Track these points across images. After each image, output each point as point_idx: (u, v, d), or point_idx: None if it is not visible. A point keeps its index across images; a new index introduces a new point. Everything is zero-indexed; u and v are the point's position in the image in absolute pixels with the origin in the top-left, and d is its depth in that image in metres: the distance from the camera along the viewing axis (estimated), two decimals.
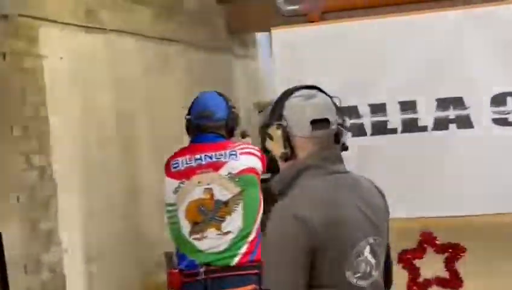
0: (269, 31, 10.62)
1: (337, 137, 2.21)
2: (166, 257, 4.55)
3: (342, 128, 2.23)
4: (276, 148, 2.19)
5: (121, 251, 5.64)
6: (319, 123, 2.14)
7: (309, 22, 8.23)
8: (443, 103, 4.10)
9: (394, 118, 4.16)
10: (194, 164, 3.64)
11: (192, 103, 3.83)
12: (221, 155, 3.64)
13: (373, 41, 4.25)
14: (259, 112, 8.72)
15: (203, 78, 7.66)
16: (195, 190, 3.67)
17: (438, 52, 4.16)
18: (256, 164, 3.68)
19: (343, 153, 2.22)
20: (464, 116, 4.04)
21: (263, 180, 3.68)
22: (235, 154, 3.63)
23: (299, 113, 2.15)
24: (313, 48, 4.31)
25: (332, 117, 2.18)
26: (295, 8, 8.28)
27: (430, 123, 4.14)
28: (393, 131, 4.18)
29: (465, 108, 4.04)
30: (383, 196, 2.32)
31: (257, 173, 3.71)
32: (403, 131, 4.18)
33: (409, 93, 4.15)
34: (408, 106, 4.14)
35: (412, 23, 4.31)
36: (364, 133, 4.22)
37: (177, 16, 7.02)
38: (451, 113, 4.10)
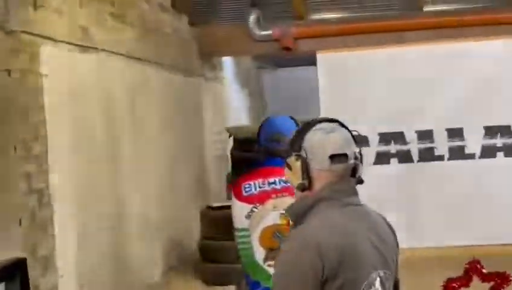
0: (239, 55, 10.74)
1: (354, 171, 2.23)
2: (236, 285, 4.38)
3: (358, 162, 2.23)
4: (295, 178, 2.21)
5: (112, 275, 5.50)
6: (337, 157, 2.15)
7: (282, 48, 8.37)
8: (490, 131, 4.15)
9: (441, 145, 4.19)
10: (268, 188, 3.52)
11: (262, 125, 3.73)
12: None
13: (421, 68, 4.28)
14: (230, 136, 8.72)
15: (179, 100, 7.62)
16: (270, 215, 3.56)
17: (485, 80, 4.23)
18: None
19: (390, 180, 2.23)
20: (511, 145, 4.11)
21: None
22: None
23: (319, 147, 2.16)
24: (359, 72, 4.31)
25: (351, 151, 2.20)
26: (267, 33, 8.39)
27: (477, 151, 4.19)
28: (441, 158, 4.21)
29: None
30: (393, 231, 2.31)
31: None
32: (450, 158, 4.22)
33: (456, 121, 4.20)
34: (455, 133, 4.18)
35: (460, 51, 4.36)
36: (411, 160, 4.23)
37: (156, 38, 6.96)
38: (499, 141, 4.16)
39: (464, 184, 4.23)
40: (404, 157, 4.25)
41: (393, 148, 4.21)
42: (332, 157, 2.14)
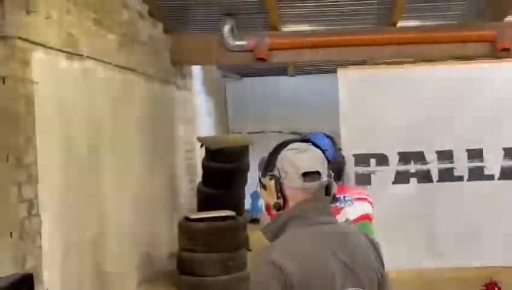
0: (213, 64, 10.68)
1: (328, 189, 2.28)
2: None
3: (332, 181, 2.27)
4: (269, 197, 2.24)
5: (92, 287, 5.39)
6: (310, 175, 2.19)
7: (257, 58, 8.36)
8: (510, 152, 4.20)
9: (461, 165, 4.22)
10: None
11: None
12: (337, 200, 3.47)
13: (441, 88, 4.30)
14: (201, 146, 8.68)
15: (155, 108, 7.53)
16: None
17: (505, 101, 4.27)
18: (370, 209, 3.57)
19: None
20: None
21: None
22: (350, 200, 3.49)
23: (291, 166, 2.20)
24: (379, 91, 4.30)
25: (323, 170, 2.24)
26: (242, 43, 8.37)
27: (496, 172, 4.23)
28: (460, 178, 4.24)
29: None
30: (376, 250, 2.30)
31: (370, 219, 3.60)
32: (469, 179, 4.25)
33: (476, 142, 4.23)
34: (475, 154, 4.21)
35: (479, 72, 4.39)
36: (430, 180, 4.25)
37: (135, 45, 6.87)
38: None
39: (483, 205, 4.26)
40: (424, 177, 4.26)
41: (412, 167, 4.22)
42: (305, 175, 2.18)
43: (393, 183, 4.26)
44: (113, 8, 6.27)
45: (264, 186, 2.25)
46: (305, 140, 2.34)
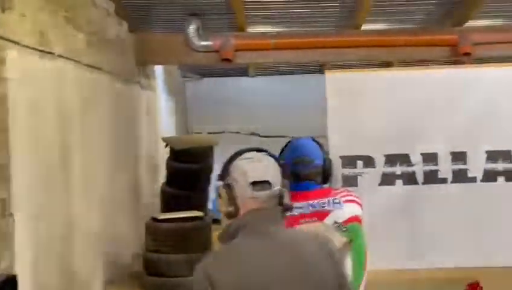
0: (177, 64, 10.62)
1: (281, 198, 2.34)
2: None
3: (284, 190, 2.34)
4: (223, 206, 2.31)
5: (61, 287, 5.32)
6: (259, 184, 2.26)
7: (222, 59, 8.36)
8: (492, 155, 4.31)
9: (445, 168, 4.31)
10: (296, 212, 3.43)
11: (285, 148, 3.65)
12: (325, 203, 3.46)
13: (426, 92, 4.37)
14: (166, 146, 8.63)
15: (121, 107, 7.47)
16: None
17: (487, 105, 4.36)
18: (359, 211, 3.57)
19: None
20: None
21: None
22: (339, 203, 3.49)
23: (242, 175, 2.27)
24: (366, 93, 4.35)
25: (275, 179, 2.30)
26: (207, 44, 8.36)
27: (479, 174, 4.33)
28: (444, 181, 4.32)
29: None
30: (332, 257, 2.35)
31: (360, 221, 3.60)
32: (453, 181, 4.33)
33: (460, 145, 4.32)
34: (459, 156, 4.30)
35: (463, 76, 4.47)
36: (415, 182, 4.32)
37: (103, 44, 6.80)
38: (500, 165, 4.32)
39: (466, 207, 4.36)
40: (409, 179, 4.33)
41: (398, 169, 4.29)
42: (254, 184, 2.25)
43: (380, 184, 4.33)
44: (82, 6, 6.20)
45: (219, 195, 2.32)
46: (260, 150, 2.41)
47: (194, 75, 12.43)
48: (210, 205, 8.81)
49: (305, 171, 3.47)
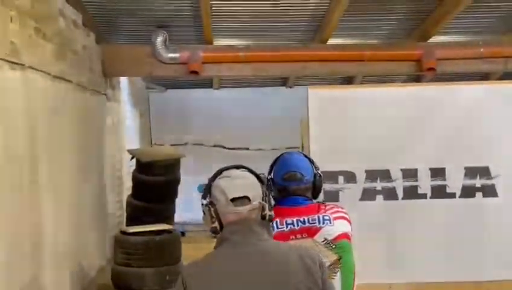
0: (144, 76, 10.54)
1: (263, 211, 2.45)
2: None
3: (265, 203, 2.45)
4: (207, 222, 2.44)
5: None
6: (239, 200, 2.39)
7: (190, 72, 8.35)
8: (471, 172, 4.39)
9: (424, 184, 4.37)
10: (286, 229, 3.39)
11: (275, 163, 3.61)
12: (315, 220, 3.43)
13: (406, 108, 4.42)
14: (132, 158, 8.57)
15: (87, 119, 7.39)
16: None
17: (466, 122, 4.44)
18: (349, 227, 3.55)
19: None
20: (490, 186, 4.37)
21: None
22: (329, 220, 3.47)
23: (222, 192, 2.40)
24: (348, 110, 4.38)
25: (254, 194, 2.42)
26: (175, 56, 8.35)
27: (457, 190, 4.40)
28: (424, 196, 4.38)
29: (491, 177, 4.37)
30: (307, 268, 2.40)
31: (349, 238, 3.58)
32: (432, 197, 4.40)
33: (439, 161, 4.39)
34: (438, 172, 4.37)
35: (443, 93, 4.54)
36: (395, 197, 4.37)
37: (70, 56, 6.73)
38: (478, 181, 4.40)
39: (445, 222, 4.44)
40: (390, 194, 4.39)
41: (379, 185, 4.35)
42: (234, 200, 2.38)
43: (360, 200, 4.38)
44: (51, 16, 6.13)
45: (203, 212, 2.47)
46: (240, 166, 2.52)
47: (158, 86, 12.38)
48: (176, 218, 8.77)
49: (294, 187, 3.46)
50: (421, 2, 7.63)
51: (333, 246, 3.40)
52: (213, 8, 7.51)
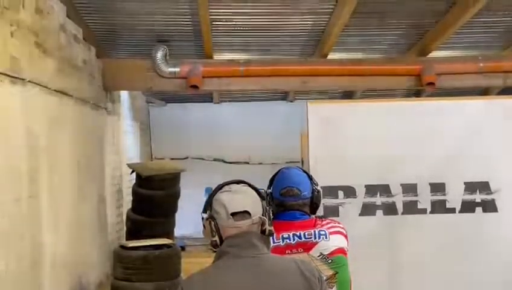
0: (144, 90, 10.57)
1: (263, 226, 2.47)
2: None
3: (265, 218, 2.47)
4: (207, 236, 2.47)
5: None
6: (239, 215, 2.41)
7: (190, 86, 8.37)
8: (470, 187, 4.39)
9: (424, 198, 4.37)
10: (282, 243, 3.40)
11: (274, 178, 3.62)
12: (311, 235, 3.44)
13: (406, 123, 4.43)
14: (131, 172, 8.57)
15: (87, 133, 7.40)
16: None
17: (466, 137, 4.45)
18: (345, 242, 3.55)
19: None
20: (490, 201, 4.37)
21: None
22: (325, 234, 3.47)
23: (223, 207, 2.43)
24: (348, 124, 4.39)
25: (255, 209, 2.45)
26: (175, 70, 8.36)
27: (457, 205, 4.40)
28: (423, 211, 4.38)
29: (491, 192, 4.37)
30: (307, 282, 2.43)
31: (345, 253, 3.58)
32: (432, 212, 4.40)
33: (439, 176, 4.39)
34: (437, 187, 4.37)
35: (442, 108, 4.55)
36: (395, 212, 4.37)
37: (71, 70, 6.75)
38: (478, 197, 4.41)
39: (445, 237, 4.43)
40: (389, 209, 4.39)
41: (378, 200, 4.35)
42: (234, 215, 2.40)
43: (360, 215, 4.39)
44: (52, 31, 6.15)
45: (204, 226, 2.49)
46: (240, 181, 2.55)
47: (158, 100, 12.40)
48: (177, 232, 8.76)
49: (292, 202, 3.47)
50: (421, 17, 7.66)
51: (329, 261, 3.40)
52: (213, 23, 7.54)
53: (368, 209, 4.39)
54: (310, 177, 3.61)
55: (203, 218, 2.50)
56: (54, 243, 5.92)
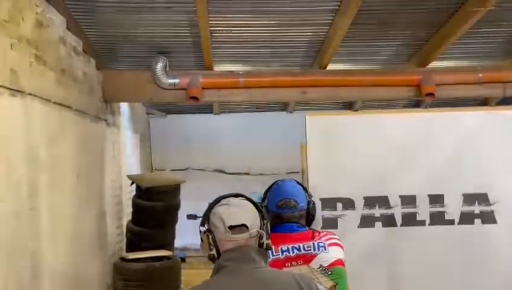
0: (144, 101, 10.57)
1: (260, 239, 2.48)
2: None
3: (263, 232, 2.48)
4: (205, 249, 2.48)
5: None
6: (237, 228, 2.42)
7: (190, 97, 8.38)
8: (469, 198, 4.38)
9: (423, 210, 4.37)
10: (281, 256, 3.40)
11: (269, 190, 3.63)
12: (310, 247, 3.45)
13: (405, 134, 4.44)
14: (131, 183, 8.57)
15: (87, 145, 7.40)
16: None
17: (465, 148, 4.45)
18: (342, 254, 3.57)
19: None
20: (489, 212, 4.37)
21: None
22: (324, 246, 3.48)
23: (220, 220, 2.43)
24: (347, 136, 4.40)
25: (252, 222, 2.45)
26: (174, 81, 8.37)
27: (456, 217, 4.40)
28: (422, 223, 4.39)
29: (490, 204, 4.37)
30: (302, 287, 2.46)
31: (344, 264, 3.59)
32: (431, 223, 4.40)
33: (438, 187, 4.39)
34: (436, 199, 4.37)
35: (441, 120, 4.56)
36: (394, 224, 4.37)
37: (71, 82, 6.76)
38: (477, 208, 4.40)
39: (444, 249, 4.43)
40: (388, 221, 4.39)
41: (377, 212, 4.35)
42: (232, 228, 2.41)
43: (359, 227, 4.38)
44: (52, 43, 6.16)
45: (201, 239, 2.50)
46: (238, 195, 2.56)
47: (158, 111, 12.41)
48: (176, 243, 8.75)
49: (289, 214, 3.48)
50: (420, 28, 7.68)
51: (329, 273, 3.41)
52: (213, 35, 7.55)
53: (366, 221, 4.39)
54: (305, 189, 3.63)
55: (201, 231, 2.50)
56: (53, 255, 5.91)
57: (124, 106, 9.91)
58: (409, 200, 4.42)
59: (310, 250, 3.43)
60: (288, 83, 8.49)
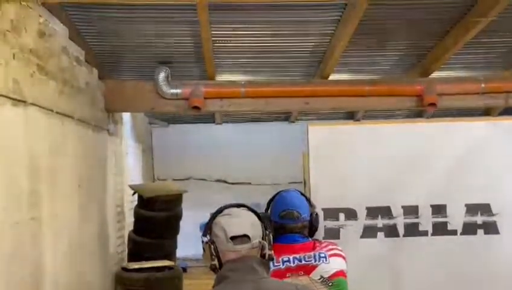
0: (146, 111, 10.59)
1: (262, 250, 2.48)
2: None
3: (264, 242, 2.48)
4: (206, 259, 2.48)
5: None
6: (239, 239, 2.42)
7: (192, 107, 8.38)
8: (472, 209, 4.38)
9: (426, 220, 4.36)
10: (282, 266, 3.40)
11: (272, 201, 3.63)
12: (311, 258, 3.44)
13: (407, 144, 4.44)
14: (133, 193, 8.57)
15: (89, 155, 7.40)
16: None
17: (468, 158, 4.44)
18: (344, 265, 3.56)
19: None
20: (491, 223, 4.36)
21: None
22: (325, 257, 3.48)
23: (222, 230, 2.44)
24: (349, 146, 4.40)
25: (254, 233, 2.45)
26: (177, 91, 8.38)
27: (459, 227, 4.39)
28: (425, 233, 4.38)
29: (493, 214, 4.37)
30: None
31: (345, 275, 3.58)
32: (433, 234, 4.40)
33: (440, 198, 4.38)
34: (439, 209, 4.37)
35: (443, 130, 4.56)
36: (397, 234, 4.36)
37: (73, 92, 6.77)
38: (479, 218, 4.40)
39: (446, 259, 4.42)
40: (391, 231, 4.38)
41: (380, 222, 4.35)
42: (233, 238, 2.41)
43: (362, 237, 4.38)
44: (54, 53, 6.18)
45: (203, 249, 2.50)
46: (240, 205, 2.56)
47: (160, 121, 12.42)
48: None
49: (291, 225, 3.48)
50: (422, 38, 7.69)
51: (330, 284, 3.41)
52: (215, 45, 7.57)
53: (369, 232, 4.38)
54: (308, 200, 3.63)
55: (203, 241, 2.50)
56: (55, 265, 5.91)
57: (126, 116, 9.92)
58: (411, 211, 4.42)
59: (311, 261, 3.42)
60: (290, 93, 8.50)
